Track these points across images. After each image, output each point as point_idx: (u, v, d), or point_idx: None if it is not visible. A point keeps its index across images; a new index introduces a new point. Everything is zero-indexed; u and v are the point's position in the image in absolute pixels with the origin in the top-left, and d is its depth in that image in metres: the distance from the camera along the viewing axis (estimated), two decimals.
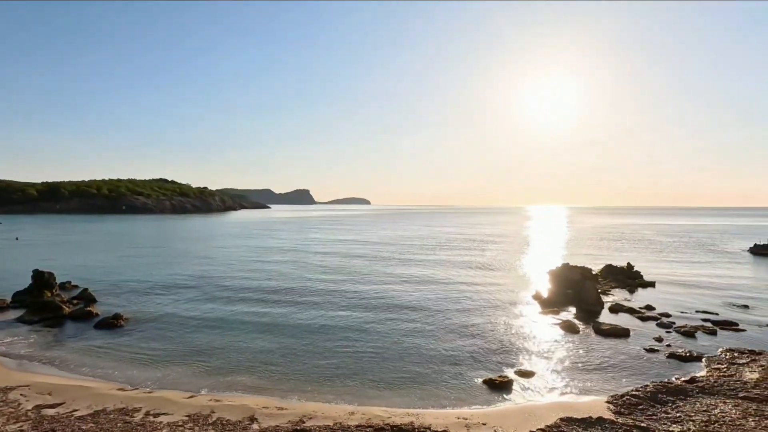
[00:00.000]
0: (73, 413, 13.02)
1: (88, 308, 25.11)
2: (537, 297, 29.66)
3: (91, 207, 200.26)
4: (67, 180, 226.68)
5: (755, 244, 61.67)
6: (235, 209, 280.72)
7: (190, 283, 34.18)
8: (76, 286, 32.04)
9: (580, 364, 17.80)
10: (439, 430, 12.12)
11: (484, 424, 12.64)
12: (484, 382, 15.87)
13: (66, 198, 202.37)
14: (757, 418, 12.79)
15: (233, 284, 34.03)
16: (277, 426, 12.40)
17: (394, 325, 23.08)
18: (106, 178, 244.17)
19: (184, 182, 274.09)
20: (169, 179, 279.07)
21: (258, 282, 35.06)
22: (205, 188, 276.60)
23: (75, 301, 27.22)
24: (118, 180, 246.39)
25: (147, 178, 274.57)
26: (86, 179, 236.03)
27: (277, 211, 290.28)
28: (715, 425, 12.47)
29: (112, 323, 22.78)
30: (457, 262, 48.59)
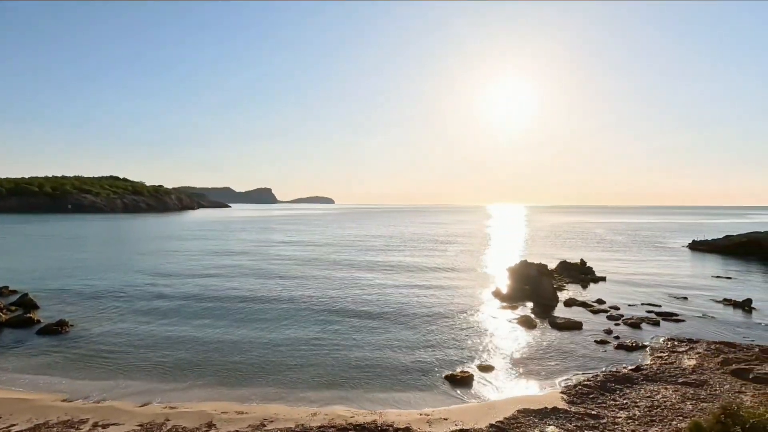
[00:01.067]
0: (11, 428, 12.08)
1: (29, 315, 23.36)
2: (497, 293, 30.56)
3: (32, 206, 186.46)
4: (3, 177, 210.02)
5: (693, 240, 66.51)
6: (193, 208, 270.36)
7: (142, 286, 32.59)
8: (14, 291, 29.70)
9: (536, 357, 18.51)
10: (402, 427, 12.24)
11: (445, 419, 12.88)
12: (446, 378, 16.16)
13: (3, 196, 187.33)
14: (693, 402, 13.81)
15: (189, 287, 32.76)
16: (237, 431, 12.08)
17: (356, 325, 23.03)
18: (50, 175, 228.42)
19: (137, 180, 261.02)
20: (121, 176, 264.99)
21: (215, 284, 33.95)
22: (161, 186, 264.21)
23: (13, 308, 25.24)
24: (63, 177, 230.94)
25: (96, 176, 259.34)
26: (27, 176, 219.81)
27: (237, 210, 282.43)
28: (658, 410, 13.34)
29: (55, 330, 21.32)
30: (420, 260, 49.19)
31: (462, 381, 15.86)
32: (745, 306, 27.55)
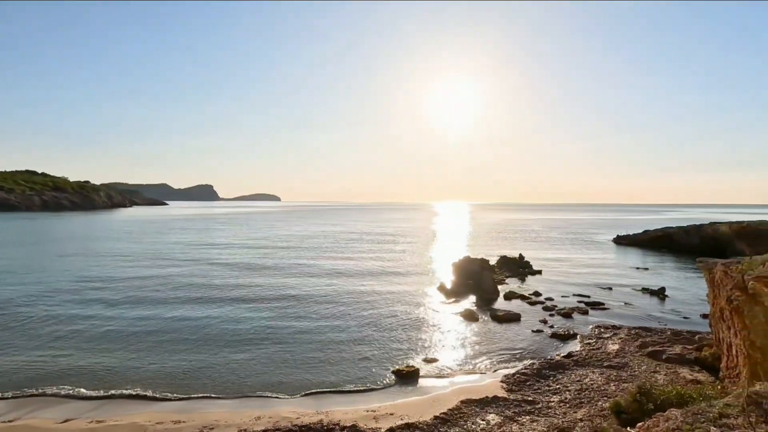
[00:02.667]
0: None
1: None
2: (441, 288, 31.42)
3: None
4: None
5: (617, 235, 72.67)
6: (125, 206, 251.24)
7: (63, 291, 29.78)
8: None
9: (479, 349, 19.28)
10: (348, 425, 12.23)
11: (391, 414, 13.05)
12: (392, 373, 16.38)
13: None
14: (616, 383, 15.08)
15: (116, 290, 30.41)
16: None
17: (302, 325, 22.66)
18: None
19: (59, 175, 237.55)
20: (40, 171, 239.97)
21: (147, 286, 31.83)
22: (87, 182, 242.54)
23: None
24: None
25: (9, 170, 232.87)
26: None
27: (175, 208, 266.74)
28: (586, 392, 14.42)
29: None
30: (367, 258, 49.37)
31: (408, 375, 16.14)
32: (660, 294, 30.56)
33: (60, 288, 30.68)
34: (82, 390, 14.73)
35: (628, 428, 2.99)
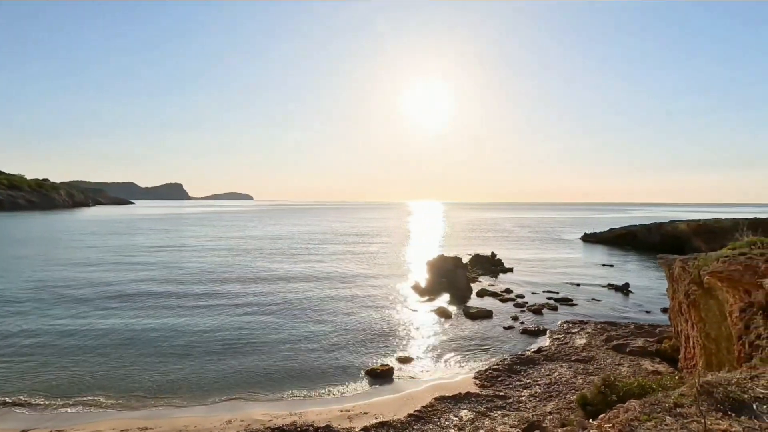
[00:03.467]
0: None
1: None
2: (416, 287, 31.65)
3: None
4: None
5: (585, 233, 75.18)
6: (87, 205, 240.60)
7: (19, 295, 28.26)
8: None
9: (452, 346, 19.53)
10: (322, 425, 12.15)
11: (365, 414, 13.05)
12: (366, 372, 16.38)
13: None
14: (583, 376, 15.61)
15: (77, 293, 29.11)
16: None
17: (275, 327, 22.34)
18: None
19: (14, 173, 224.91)
20: None
21: (111, 288, 30.63)
22: (46, 180, 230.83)
23: None
24: None
25: None
26: None
27: (142, 208, 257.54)
28: (555, 386, 14.86)
29: None
30: (341, 257, 49.17)
31: (382, 374, 16.18)
32: (624, 290, 31.81)
33: (16, 295, 29.10)
34: (42, 399, 14.02)
35: (591, 420, 3.10)
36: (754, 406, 2.68)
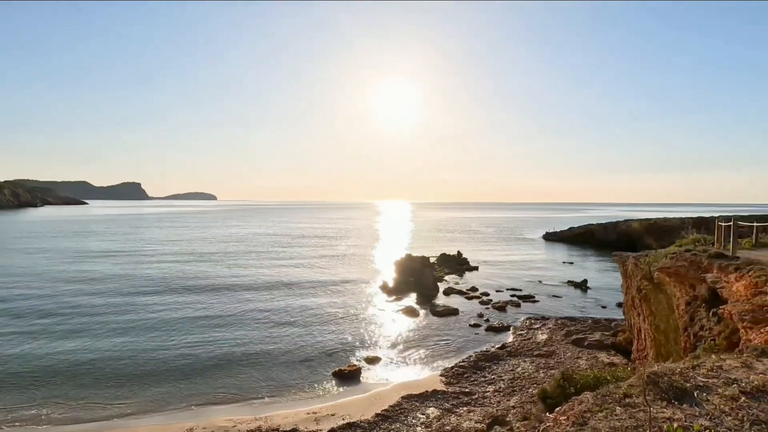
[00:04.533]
0: None
1: None
2: (384, 286, 31.75)
3: None
4: None
5: (546, 232, 77.93)
6: (34, 205, 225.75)
7: None
8: None
9: (419, 344, 19.73)
10: (288, 429, 11.97)
11: (332, 415, 12.96)
12: (334, 373, 16.27)
13: None
14: (545, 370, 16.16)
15: (19, 299, 27.31)
16: None
17: (240, 331, 21.77)
18: None
19: None
20: None
21: (62, 294, 28.91)
22: None
23: None
24: None
25: None
26: None
27: (96, 208, 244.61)
28: (518, 380, 15.31)
29: None
30: (309, 258, 48.62)
31: (350, 375, 16.12)
32: (583, 286, 33.22)
33: None
34: None
35: (547, 413, 3.21)
36: (695, 394, 2.86)
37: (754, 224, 15.09)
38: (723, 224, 14.43)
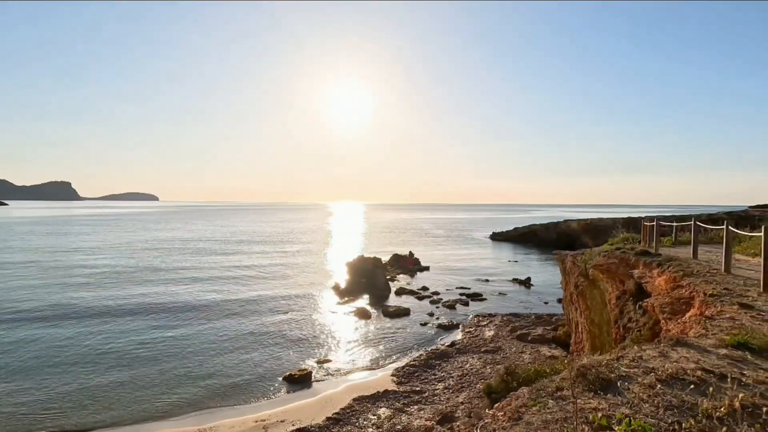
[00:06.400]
0: None
1: None
2: (335, 288, 31.53)
3: None
4: None
5: (493, 232, 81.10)
6: None
7: None
8: None
9: (371, 345, 19.79)
10: None
11: (282, 421, 12.66)
12: (284, 378, 15.91)
13: None
14: (492, 365, 16.78)
15: None
16: None
17: (181, 338, 20.68)
18: None
19: None
20: None
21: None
22: None
23: None
24: None
25: None
26: None
27: (17, 209, 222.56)
28: (467, 377, 15.77)
29: None
30: (257, 260, 47.23)
31: (300, 379, 15.83)
32: (527, 283, 34.91)
33: None
34: None
35: (487, 410, 3.34)
36: (618, 384, 3.09)
37: (674, 224, 16.63)
38: (648, 224, 15.77)
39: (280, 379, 15.92)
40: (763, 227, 7.73)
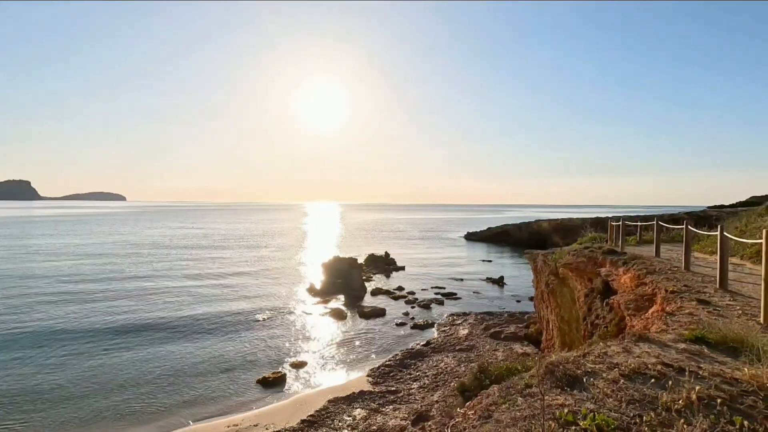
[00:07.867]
0: None
1: None
2: (311, 289, 31.24)
3: None
4: None
5: (467, 232, 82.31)
6: None
7: None
8: None
9: (346, 346, 19.71)
10: None
11: (255, 425, 12.45)
12: (258, 381, 15.65)
13: None
14: (466, 363, 17.00)
15: None
16: None
17: (151, 343, 20.02)
18: None
19: None
20: None
21: None
22: None
23: None
24: None
25: None
26: None
27: None
28: (441, 375, 15.93)
29: None
30: (232, 261, 46.26)
31: (275, 382, 15.62)
32: (500, 282, 35.57)
33: None
34: None
35: (459, 409, 3.39)
36: (584, 380, 3.18)
37: (638, 224, 17.32)
38: (614, 224, 16.35)
39: (254, 382, 15.64)
40: (718, 227, 8.15)
